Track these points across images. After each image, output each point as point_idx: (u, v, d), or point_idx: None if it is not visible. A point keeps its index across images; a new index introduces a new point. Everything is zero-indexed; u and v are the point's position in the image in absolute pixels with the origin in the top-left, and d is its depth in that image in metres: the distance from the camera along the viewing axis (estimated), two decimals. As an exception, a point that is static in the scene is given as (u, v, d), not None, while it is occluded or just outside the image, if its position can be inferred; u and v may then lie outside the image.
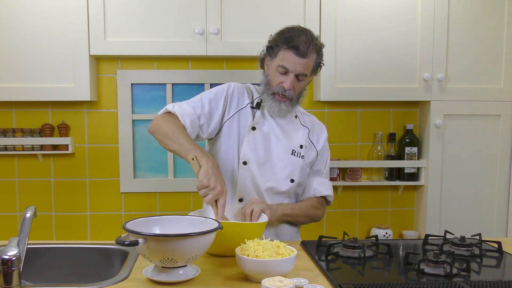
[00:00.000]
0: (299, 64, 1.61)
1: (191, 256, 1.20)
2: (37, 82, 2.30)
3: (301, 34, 1.62)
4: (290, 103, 1.67)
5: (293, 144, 1.72)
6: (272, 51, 1.67)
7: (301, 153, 1.72)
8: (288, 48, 1.60)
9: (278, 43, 1.63)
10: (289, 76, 1.63)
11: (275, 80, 1.65)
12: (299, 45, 1.59)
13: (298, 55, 1.60)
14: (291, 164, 1.71)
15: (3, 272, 1.12)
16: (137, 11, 2.31)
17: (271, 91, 1.66)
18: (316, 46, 1.64)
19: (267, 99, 1.68)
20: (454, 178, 2.51)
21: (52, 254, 1.56)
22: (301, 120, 1.80)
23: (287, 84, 1.63)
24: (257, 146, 1.69)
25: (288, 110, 1.69)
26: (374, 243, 1.57)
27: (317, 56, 1.66)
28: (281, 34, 1.65)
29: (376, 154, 2.58)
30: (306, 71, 1.64)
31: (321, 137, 1.82)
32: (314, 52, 1.63)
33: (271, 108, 1.68)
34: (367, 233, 2.66)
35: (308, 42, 1.61)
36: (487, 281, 1.26)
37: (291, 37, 1.61)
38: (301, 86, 1.69)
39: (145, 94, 2.53)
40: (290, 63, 1.61)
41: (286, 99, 1.66)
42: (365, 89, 2.42)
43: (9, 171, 2.52)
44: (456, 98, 2.46)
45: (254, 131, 1.69)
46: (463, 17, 2.43)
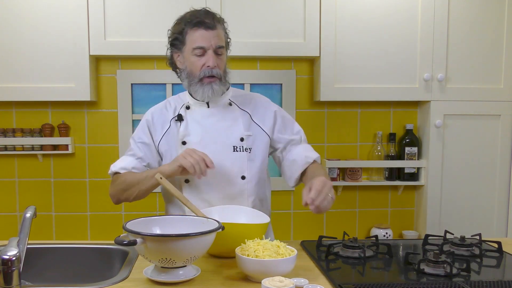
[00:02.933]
0: (213, 37, 1.55)
1: (190, 257, 1.20)
2: (37, 82, 2.30)
3: (199, 11, 1.59)
4: (220, 82, 1.60)
5: (232, 140, 1.63)
6: (178, 42, 1.60)
7: (243, 146, 1.63)
8: (195, 27, 1.55)
9: (182, 29, 1.58)
10: (208, 54, 1.56)
11: (196, 66, 1.58)
12: (204, 19, 1.55)
13: (208, 28, 1.55)
14: (236, 161, 1.62)
15: (3, 272, 1.12)
16: (137, 11, 2.31)
17: (197, 79, 1.58)
18: (218, 17, 1.60)
19: (196, 89, 1.60)
20: (454, 178, 2.51)
21: (52, 254, 1.56)
22: (239, 104, 1.70)
23: (210, 61, 1.56)
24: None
25: (221, 90, 1.61)
26: (374, 243, 1.57)
27: (223, 26, 1.62)
28: (180, 20, 1.60)
29: (376, 154, 2.58)
30: (222, 43, 1.59)
31: (268, 113, 1.71)
32: (219, 22, 1.59)
33: (204, 94, 1.59)
34: (367, 233, 2.66)
35: (211, 14, 1.58)
36: (487, 281, 1.26)
37: (192, 16, 1.57)
38: (223, 62, 1.62)
39: (145, 94, 2.54)
40: (203, 40, 1.55)
41: (215, 78, 1.58)
42: (365, 89, 2.42)
43: (9, 171, 2.52)
44: (456, 98, 2.46)
45: (184, 145, 1.61)
46: (463, 17, 2.43)
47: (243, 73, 2.53)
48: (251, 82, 2.54)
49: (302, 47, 2.38)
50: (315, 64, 2.52)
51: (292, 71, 2.57)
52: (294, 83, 2.57)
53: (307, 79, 2.59)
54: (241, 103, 1.71)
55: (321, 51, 2.38)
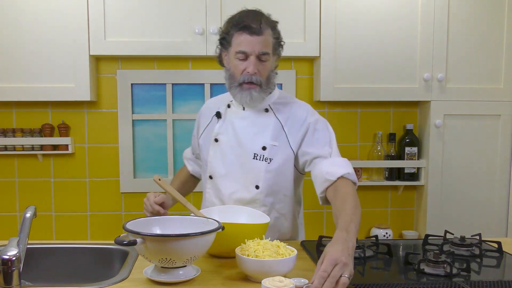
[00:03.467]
0: (257, 43, 1.51)
1: (189, 257, 1.20)
2: (37, 82, 2.30)
3: (249, 13, 1.55)
4: (261, 89, 1.56)
5: (255, 147, 1.60)
6: (225, 42, 1.58)
7: (264, 156, 1.59)
8: (240, 31, 1.52)
9: (229, 30, 1.56)
10: (250, 60, 1.53)
11: (238, 70, 1.55)
12: (251, 24, 1.51)
13: (253, 33, 1.51)
14: (253, 169, 1.60)
15: (3, 272, 1.11)
16: (137, 11, 2.31)
17: (236, 83, 1.56)
18: (269, 21, 1.56)
19: (235, 92, 1.58)
20: (454, 178, 2.51)
21: (52, 254, 1.56)
22: (276, 111, 1.64)
23: (250, 68, 1.52)
24: (220, 158, 1.64)
25: (261, 97, 1.58)
26: (374, 243, 1.57)
27: (273, 32, 1.56)
28: (230, 20, 1.58)
29: (376, 154, 2.58)
30: (266, 49, 1.54)
31: (301, 125, 1.62)
32: (268, 28, 1.55)
33: (243, 100, 1.57)
34: (367, 233, 2.66)
35: (259, 19, 1.52)
36: (487, 281, 1.26)
37: (240, 19, 1.53)
38: (267, 68, 1.57)
39: (145, 94, 2.53)
40: (247, 45, 1.51)
41: (254, 85, 1.55)
42: (365, 89, 2.42)
43: (9, 171, 2.52)
44: (456, 98, 2.46)
45: (216, 143, 1.65)
46: (463, 17, 2.43)
47: (243, 73, 2.53)
48: (251, 82, 2.54)
49: (302, 47, 2.38)
50: (315, 64, 2.52)
51: (292, 71, 2.57)
52: (294, 83, 2.57)
53: (307, 79, 2.59)
54: (278, 110, 1.65)
55: (321, 51, 2.38)
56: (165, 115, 2.55)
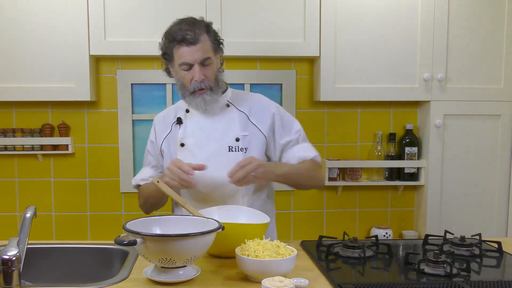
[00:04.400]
0: (196, 52, 1.57)
1: (189, 257, 1.20)
2: (37, 82, 2.30)
3: (180, 23, 1.60)
4: (212, 92, 1.62)
5: (228, 140, 1.66)
6: (167, 55, 1.64)
7: (239, 146, 1.66)
8: (178, 44, 1.57)
9: (167, 45, 1.61)
10: (195, 69, 1.58)
11: (186, 80, 1.61)
12: (185, 36, 1.56)
13: (190, 44, 1.56)
14: (231, 161, 1.61)
15: (3, 272, 1.12)
16: (137, 11, 2.31)
17: (188, 92, 1.62)
18: (202, 26, 1.60)
19: (190, 100, 1.64)
20: (454, 178, 2.51)
21: (52, 254, 1.56)
22: (237, 105, 1.72)
23: (196, 76, 1.58)
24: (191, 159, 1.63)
25: (214, 99, 1.64)
26: (374, 243, 1.57)
27: (208, 35, 1.61)
28: (166, 35, 1.63)
29: (376, 154, 2.58)
30: (207, 54, 1.59)
31: (266, 114, 1.71)
32: (203, 33, 1.59)
33: (198, 106, 1.64)
34: (367, 233, 2.66)
35: (191, 27, 1.57)
36: (487, 281, 1.26)
37: (175, 33, 1.58)
38: (213, 70, 1.63)
39: (145, 94, 2.53)
40: (187, 56, 1.57)
41: (205, 90, 1.61)
42: (365, 89, 2.42)
43: (9, 171, 2.52)
44: (456, 98, 2.46)
45: (183, 147, 1.68)
46: (463, 17, 2.43)
47: (243, 73, 2.53)
48: (251, 82, 2.54)
49: (302, 47, 2.38)
50: (315, 64, 2.52)
51: (292, 71, 2.57)
52: (294, 83, 2.57)
53: (307, 79, 2.59)
54: (239, 104, 1.73)
55: (321, 51, 2.38)
56: (165, 115, 2.55)
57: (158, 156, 1.77)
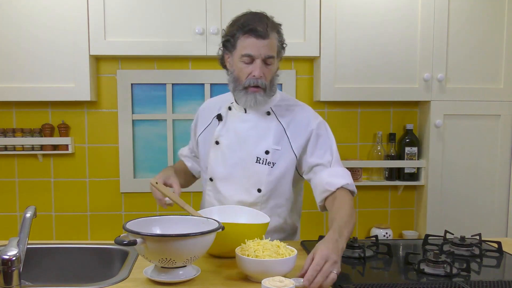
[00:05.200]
0: (263, 47, 1.50)
1: (189, 257, 1.20)
2: (37, 82, 2.30)
3: (254, 16, 1.53)
4: (265, 93, 1.56)
5: (258, 150, 1.60)
6: (229, 44, 1.55)
7: (267, 160, 1.59)
8: (246, 34, 1.50)
9: (234, 33, 1.52)
10: (256, 63, 1.51)
11: (243, 73, 1.54)
12: (257, 27, 1.48)
13: (259, 37, 1.49)
14: (256, 173, 1.60)
15: (3, 272, 1.12)
16: (137, 11, 2.31)
17: (242, 86, 1.55)
18: (274, 24, 1.55)
19: (240, 95, 1.56)
20: (454, 178, 2.51)
21: (52, 254, 1.56)
22: (278, 114, 1.64)
23: (256, 71, 1.51)
24: (221, 160, 1.64)
25: (265, 101, 1.57)
26: (374, 243, 1.57)
27: (278, 35, 1.55)
28: (234, 23, 1.55)
29: (376, 154, 2.58)
30: (272, 53, 1.53)
31: (304, 130, 1.61)
32: (274, 31, 1.53)
33: (247, 103, 1.56)
34: (367, 233, 2.66)
35: (265, 22, 1.51)
36: (487, 281, 1.26)
37: (246, 22, 1.51)
38: (272, 72, 1.57)
39: (145, 94, 2.53)
40: (253, 48, 1.50)
41: (259, 89, 1.54)
42: (365, 89, 2.42)
43: (9, 171, 2.52)
44: (456, 98, 2.46)
45: (217, 145, 1.65)
46: (463, 17, 2.43)
47: (243, 73, 2.53)
48: (251, 82, 2.54)
49: (302, 47, 2.38)
50: (315, 64, 2.52)
51: (292, 71, 2.57)
52: (294, 83, 2.57)
53: (307, 79, 2.59)
54: (281, 113, 1.64)
55: (321, 51, 2.38)
56: (165, 115, 2.55)
57: (193, 143, 1.81)
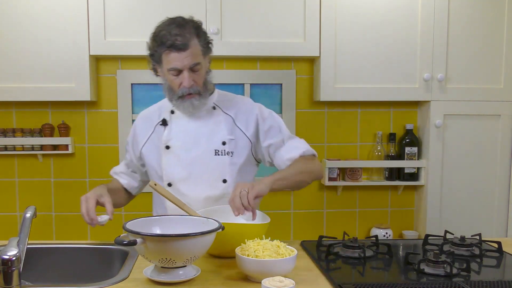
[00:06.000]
0: (185, 58, 1.53)
1: (190, 257, 1.20)
2: (37, 82, 2.30)
3: (170, 25, 1.54)
4: (200, 97, 1.60)
5: (214, 144, 1.64)
6: (155, 58, 1.60)
7: (225, 150, 1.64)
8: (167, 50, 1.53)
9: (156, 49, 1.56)
10: (184, 74, 1.55)
11: (174, 84, 1.59)
12: (175, 42, 1.51)
13: (180, 50, 1.52)
14: (218, 165, 1.64)
15: (3, 272, 1.12)
16: (137, 11, 2.31)
17: (176, 96, 1.60)
18: (191, 29, 1.55)
19: (177, 104, 1.62)
20: (454, 178, 2.51)
21: (52, 254, 1.56)
22: (224, 108, 1.70)
23: (186, 82, 1.56)
24: (176, 162, 1.64)
25: (202, 103, 1.62)
26: (374, 243, 1.57)
27: (198, 38, 1.56)
28: (154, 37, 1.57)
29: (376, 154, 2.58)
30: (196, 60, 1.55)
31: (251, 117, 1.69)
32: (193, 37, 1.55)
33: (186, 110, 1.62)
34: (367, 233, 2.66)
35: (181, 31, 1.52)
36: (487, 281, 1.26)
37: (163, 37, 1.52)
38: (201, 75, 1.60)
39: (145, 94, 2.53)
40: (177, 62, 1.53)
41: (193, 95, 1.59)
42: (365, 89, 2.42)
43: (9, 171, 2.52)
44: (456, 98, 2.46)
45: (168, 150, 1.66)
46: (463, 17, 2.43)
47: (243, 73, 2.53)
48: (251, 82, 2.54)
49: (302, 47, 2.38)
50: (315, 64, 2.52)
51: (292, 71, 2.57)
52: (294, 83, 2.57)
53: (307, 79, 2.59)
54: (225, 106, 1.71)
55: (321, 51, 2.38)
56: (165, 115, 2.55)
57: (133, 159, 1.77)
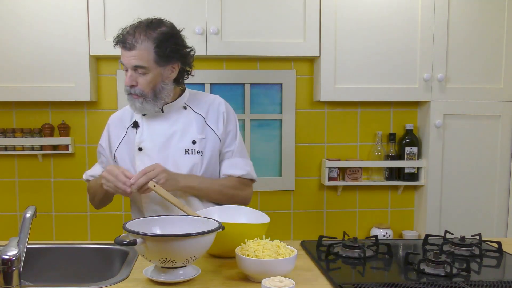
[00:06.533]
0: (130, 57, 1.56)
1: (190, 257, 1.20)
2: (37, 82, 2.30)
3: (131, 26, 1.60)
4: (144, 100, 1.60)
5: (184, 143, 1.66)
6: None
7: (196, 149, 1.65)
8: (121, 46, 1.59)
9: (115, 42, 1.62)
10: (128, 72, 1.59)
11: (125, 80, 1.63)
12: (126, 39, 1.56)
13: (126, 49, 1.57)
14: (188, 164, 1.65)
15: (3, 272, 1.12)
16: (137, 11, 2.31)
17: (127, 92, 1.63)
18: (148, 34, 1.56)
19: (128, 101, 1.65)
20: (454, 178, 2.51)
21: (52, 254, 1.56)
22: (194, 107, 1.72)
23: (126, 80, 1.59)
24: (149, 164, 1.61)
25: (145, 108, 1.61)
26: (374, 243, 1.57)
27: (153, 43, 1.56)
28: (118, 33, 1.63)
29: (376, 154, 2.58)
30: (142, 63, 1.56)
31: (220, 118, 1.71)
32: (145, 41, 1.56)
33: (132, 108, 1.65)
34: (367, 233, 2.66)
35: (134, 34, 1.56)
36: (487, 281, 1.26)
37: (120, 34, 1.59)
38: (149, 80, 1.58)
39: (145, 94, 2.53)
40: (124, 58, 1.58)
41: (137, 96, 1.60)
42: (365, 89, 2.42)
43: (9, 171, 2.52)
44: (456, 98, 2.46)
45: (141, 151, 1.67)
46: (463, 17, 2.43)
47: (243, 73, 2.53)
48: (251, 82, 2.54)
49: (302, 47, 2.38)
50: (315, 64, 2.52)
51: (292, 71, 2.57)
52: (294, 83, 2.57)
53: (307, 79, 2.59)
54: (196, 106, 1.72)
55: (321, 51, 2.38)
56: (165, 115, 2.54)
57: (109, 160, 1.76)
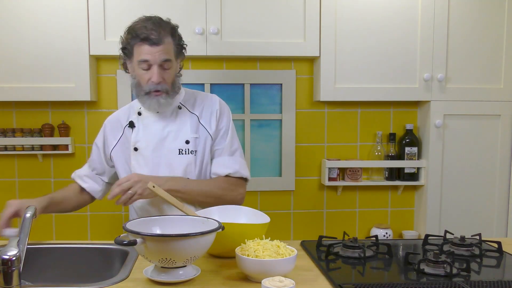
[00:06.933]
0: (157, 52, 1.56)
1: (190, 257, 1.20)
2: (37, 82, 2.30)
3: (146, 21, 1.59)
4: (167, 96, 1.62)
5: (178, 143, 1.67)
6: (127, 51, 1.62)
7: (189, 149, 1.66)
8: (141, 42, 1.56)
9: (129, 41, 1.59)
10: (153, 69, 1.58)
11: (143, 79, 1.60)
12: (149, 35, 1.55)
13: (153, 44, 1.55)
14: (181, 164, 1.66)
15: (3, 272, 1.12)
16: (137, 11, 2.29)
17: (143, 91, 1.62)
18: (168, 28, 1.60)
19: (143, 100, 1.63)
20: (454, 178, 2.51)
21: (52, 254, 1.56)
22: (189, 107, 1.73)
23: (154, 77, 1.58)
24: (143, 163, 1.66)
25: (168, 102, 1.64)
26: (374, 243, 1.57)
27: (173, 38, 1.61)
28: (129, 31, 1.60)
29: (376, 154, 2.58)
30: (168, 56, 1.59)
31: (212, 116, 1.72)
32: (167, 35, 1.59)
33: (151, 108, 1.64)
34: (367, 233, 2.66)
35: (157, 27, 1.56)
36: (487, 281, 1.26)
37: (138, 30, 1.57)
38: (171, 74, 1.62)
39: (145, 94, 2.53)
40: (148, 55, 1.56)
41: (160, 93, 1.60)
42: (365, 89, 2.42)
43: (9, 171, 2.52)
44: (456, 98, 2.46)
45: (137, 151, 1.68)
46: (463, 17, 2.43)
47: (243, 73, 2.53)
48: (251, 82, 2.54)
49: (302, 47, 2.38)
50: (315, 64, 2.52)
51: (292, 71, 2.57)
52: (294, 83, 2.57)
53: (307, 79, 2.59)
54: (191, 106, 1.73)
55: (321, 51, 2.38)
56: (165, 115, 2.54)
57: (102, 161, 1.76)
